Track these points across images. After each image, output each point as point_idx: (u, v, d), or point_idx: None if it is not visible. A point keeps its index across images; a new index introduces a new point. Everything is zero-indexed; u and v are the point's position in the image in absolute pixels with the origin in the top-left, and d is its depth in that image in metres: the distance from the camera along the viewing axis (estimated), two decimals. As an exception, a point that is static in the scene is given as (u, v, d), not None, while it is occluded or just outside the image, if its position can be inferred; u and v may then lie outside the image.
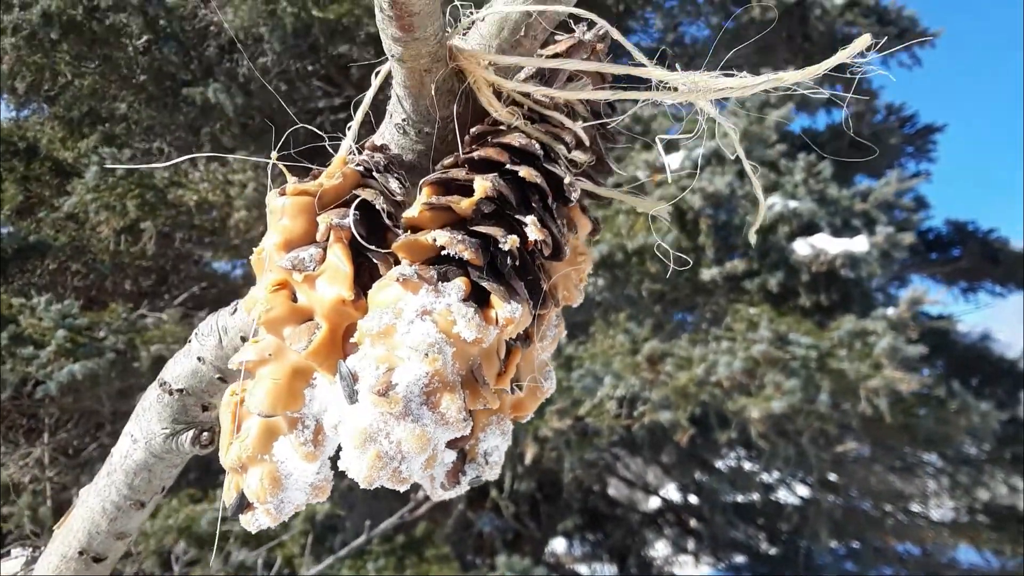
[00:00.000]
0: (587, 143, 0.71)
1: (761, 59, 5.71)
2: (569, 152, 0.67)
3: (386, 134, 0.72)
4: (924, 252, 6.90)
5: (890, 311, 4.08)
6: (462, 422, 0.55)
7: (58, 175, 4.43)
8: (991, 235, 6.79)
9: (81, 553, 0.87)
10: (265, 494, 0.59)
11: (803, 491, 7.07)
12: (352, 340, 0.59)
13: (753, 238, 0.75)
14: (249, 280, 5.39)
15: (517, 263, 0.60)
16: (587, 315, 5.12)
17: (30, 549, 0.98)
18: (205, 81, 4.55)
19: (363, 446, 0.53)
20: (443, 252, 0.59)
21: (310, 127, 0.78)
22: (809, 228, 4.49)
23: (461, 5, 0.69)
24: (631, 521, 7.27)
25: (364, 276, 0.62)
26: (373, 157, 0.68)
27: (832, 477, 5.89)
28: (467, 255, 0.58)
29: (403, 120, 0.69)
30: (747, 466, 6.71)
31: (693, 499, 7.70)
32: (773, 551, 7.02)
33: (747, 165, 0.65)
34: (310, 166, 0.68)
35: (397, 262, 0.62)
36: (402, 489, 0.57)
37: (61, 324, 3.69)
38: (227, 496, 0.61)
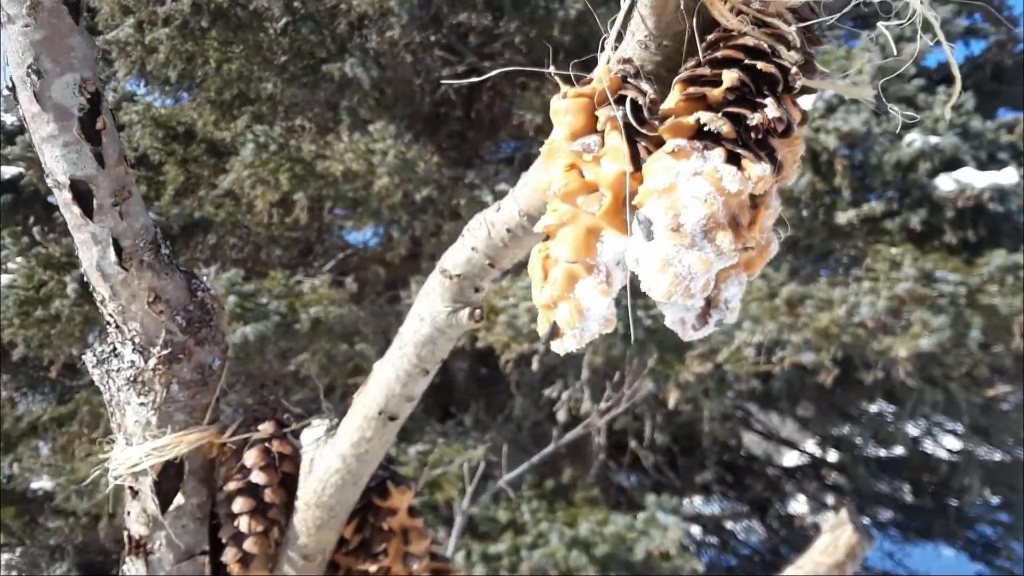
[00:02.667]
0: (798, 44, 0.87)
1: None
2: (788, 51, 0.84)
3: (628, 49, 0.89)
4: None
5: None
6: (733, 252, 0.73)
7: (214, 155, 4.84)
8: None
9: (380, 413, 1.10)
10: (573, 322, 0.79)
11: (951, 443, 6.97)
12: (632, 203, 0.78)
13: (948, 114, 0.90)
14: (387, 247, 5.64)
15: (760, 137, 0.78)
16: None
17: (328, 419, 1.22)
18: (341, 57, 4.86)
19: (663, 269, 0.73)
20: (704, 128, 0.77)
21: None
22: (952, 164, 4.46)
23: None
24: (769, 476, 7.34)
25: (634, 157, 0.81)
26: (624, 67, 0.87)
27: (983, 423, 5.81)
28: (724, 129, 0.76)
29: (645, 36, 0.86)
30: (889, 417, 6.66)
31: (833, 455, 7.69)
32: (921, 504, 6.97)
33: (946, 47, 0.80)
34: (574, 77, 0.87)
35: (660, 145, 0.80)
36: (690, 303, 0.76)
37: (231, 291, 4.08)
38: (541, 328, 0.82)
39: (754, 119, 0.76)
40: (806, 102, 4.54)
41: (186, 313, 1.12)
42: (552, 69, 0.87)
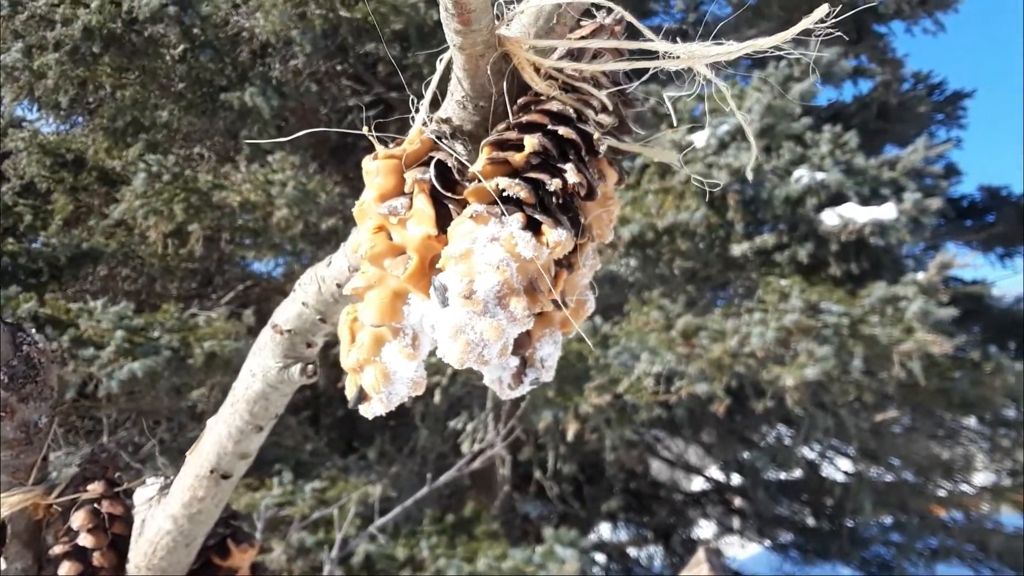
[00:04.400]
0: (610, 108, 0.89)
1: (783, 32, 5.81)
2: (596, 115, 0.86)
3: (448, 109, 0.90)
4: (958, 219, 6.97)
5: (920, 276, 4.21)
6: (526, 318, 0.74)
7: (105, 184, 4.69)
8: (1025, 200, 6.85)
9: (212, 471, 1.07)
10: (379, 386, 0.79)
11: (845, 465, 7.18)
12: (437, 266, 0.79)
13: (750, 175, 0.93)
14: (290, 278, 5.60)
15: (560, 201, 0.79)
16: (621, 296, 5.30)
17: (162, 477, 1.19)
18: (241, 86, 4.79)
19: (455, 336, 0.73)
20: (503, 194, 0.78)
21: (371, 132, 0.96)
22: (837, 199, 4.62)
23: (505, 1, 0.88)
24: (675, 501, 7.44)
25: (442, 219, 0.81)
26: (440, 127, 0.88)
27: (873, 447, 6.01)
28: (522, 195, 0.77)
29: (462, 97, 0.87)
30: (787, 441, 6.83)
31: (736, 479, 7.84)
32: (819, 526, 7.15)
33: (739, 115, 0.83)
34: (393, 136, 0.88)
35: (465, 207, 0.81)
36: (484, 370, 0.76)
37: (119, 325, 3.95)
38: (349, 392, 0.81)
39: (552, 184, 0.78)
40: (699, 138, 4.67)
41: (9, 368, 1.07)
42: (367, 130, 0.86)
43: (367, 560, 3.90)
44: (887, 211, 4.34)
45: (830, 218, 4.40)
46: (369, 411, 0.80)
